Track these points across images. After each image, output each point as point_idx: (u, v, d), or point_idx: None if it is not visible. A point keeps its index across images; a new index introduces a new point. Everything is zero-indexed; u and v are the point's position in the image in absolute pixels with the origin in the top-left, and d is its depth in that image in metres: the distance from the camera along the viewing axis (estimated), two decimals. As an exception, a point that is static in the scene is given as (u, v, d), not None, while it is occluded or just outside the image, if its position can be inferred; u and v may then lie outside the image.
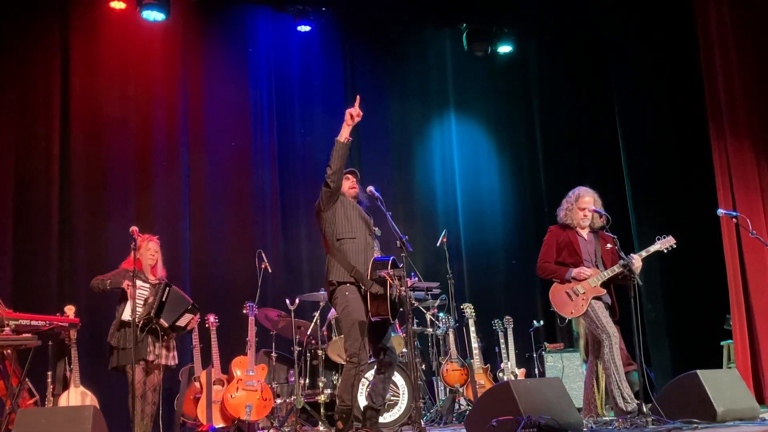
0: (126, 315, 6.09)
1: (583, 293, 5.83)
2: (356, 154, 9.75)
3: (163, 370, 6.44)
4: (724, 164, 8.25)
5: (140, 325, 6.05)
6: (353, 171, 5.78)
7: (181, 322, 6.41)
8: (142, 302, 6.19)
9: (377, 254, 5.52)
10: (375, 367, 5.62)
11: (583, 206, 6.04)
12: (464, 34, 10.19)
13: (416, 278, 6.74)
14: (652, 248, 6.00)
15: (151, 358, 6.23)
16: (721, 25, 8.28)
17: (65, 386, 6.68)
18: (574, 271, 5.89)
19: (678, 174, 9.28)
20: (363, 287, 5.29)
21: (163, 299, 6.18)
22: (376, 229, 5.67)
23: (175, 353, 6.51)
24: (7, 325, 5.77)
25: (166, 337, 6.33)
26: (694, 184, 8.95)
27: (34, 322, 6.03)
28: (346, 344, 5.32)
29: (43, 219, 8.15)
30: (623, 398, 5.65)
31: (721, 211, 7.21)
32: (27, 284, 7.88)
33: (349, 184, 5.68)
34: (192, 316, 6.51)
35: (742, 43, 8.17)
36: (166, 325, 6.25)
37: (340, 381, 5.45)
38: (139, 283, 6.11)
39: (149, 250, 6.49)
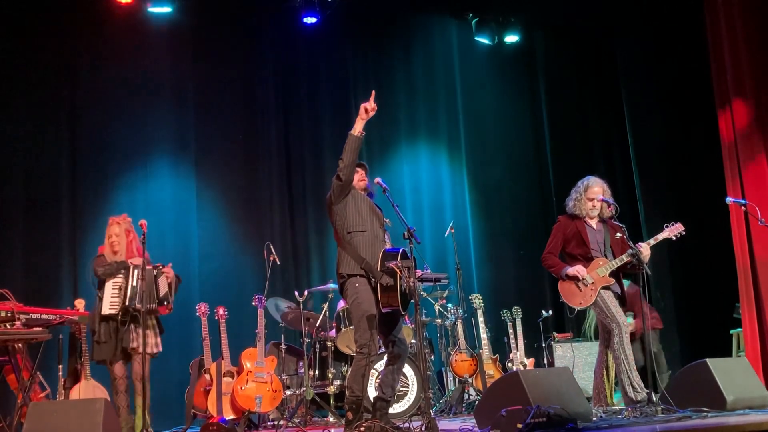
0: (105, 309, 6.00)
1: (592, 283, 5.83)
2: (364, 145, 9.72)
3: (149, 359, 6.15)
4: (733, 152, 8.22)
5: (120, 318, 5.95)
6: (362, 164, 5.77)
7: (162, 290, 6.15)
8: (117, 292, 6.04)
9: (388, 246, 5.52)
10: (385, 358, 5.63)
11: (592, 196, 6.03)
12: (474, 22, 10.16)
13: (428, 269, 6.74)
14: (661, 236, 5.99)
15: (134, 345, 6.05)
16: (728, 11, 8.24)
17: (76, 379, 6.70)
18: (570, 270, 5.90)
19: (686, 162, 9.25)
20: (373, 279, 5.30)
21: (134, 283, 5.97)
22: (387, 221, 5.67)
23: (159, 340, 6.31)
24: (18, 319, 5.81)
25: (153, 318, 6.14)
26: (702, 173, 8.91)
27: (44, 316, 6.06)
28: (355, 335, 5.33)
29: (53, 213, 8.19)
30: (633, 387, 5.65)
31: (729, 200, 7.18)
32: (37, 278, 7.93)
33: (358, 177, 5.67)
34: (165, 273, 6.22)
35: (750, 29, 8.12)
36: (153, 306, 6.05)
37: (349, 372, 5.47)
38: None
39: (110, 237, 6.25)
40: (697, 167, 9.09)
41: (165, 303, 6.19)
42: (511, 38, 10.36)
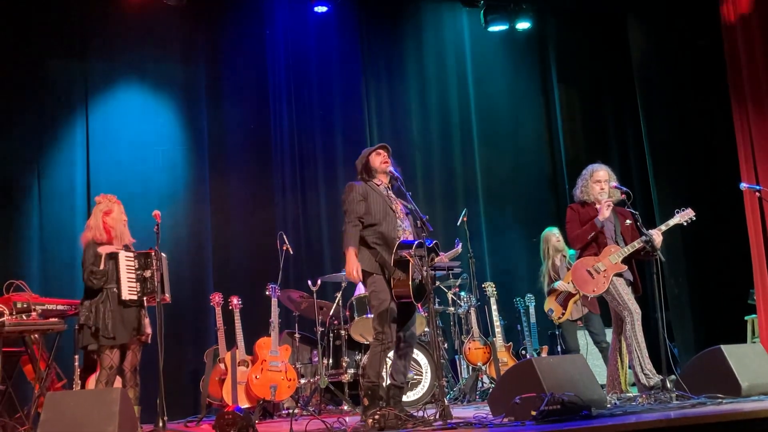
0: (125, 293, 5.67)
1: (605, 270, 5.82)
2: (375, 132, 9.75)
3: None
4: (747, 137, 8.18)
5: (137, 303, 5.70)
6: (385, 146, 5.70)
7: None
8: (133, 277, 5.71)
9: (407, 235, 5.50)
10: (395, 344, 5.64)
11: (598, 179, 6.05)
12: (481, 12, 10.10)
13: (459, 246, 6.70)
14: (672, 222, 5.98)
15: (149, 330, 5.88)
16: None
17: (92, 369, 6.74)
18: (600, 215, 5.88)
19: (700, 148, 9.20)
20: (387, 272, 5.31)
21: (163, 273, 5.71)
22: (408, 204, 5.63)
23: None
24: (34, 310, 5.84)
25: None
26: (716, 159, 8.87)
27: (60, 307, 6.09)
28: (374, 323, 5.38)
29: (67, 204, 8.24)
30: (645, 374, 5.66)
31: (743, 185, 7.15)
32: (53, 269, 7.98)
33: (381, 159, 5.63)
34: None
35: (764, 16, 8.06)
36: (168, 298, 5.87)
37: (366, 359, 5.49)
38: (123, 254, 5.74)
39: (122, 213, 5.94)
40: (711, 153, 9.04)
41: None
42: (523, 25, 10.27)
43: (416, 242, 5.30)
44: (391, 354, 6.19)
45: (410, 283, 5.19)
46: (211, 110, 9.11)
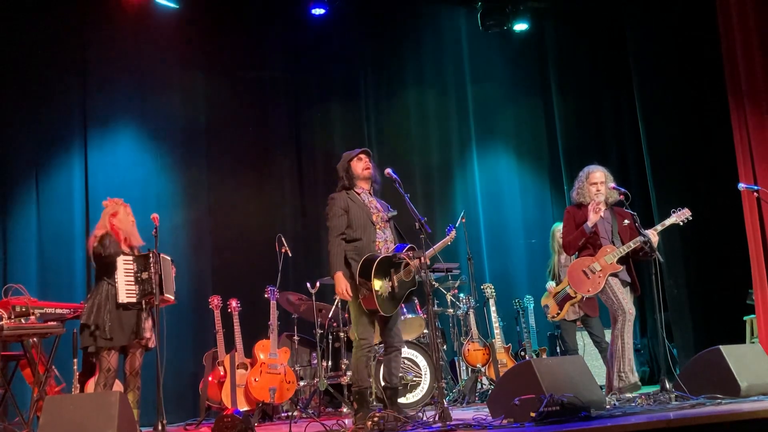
0: (123, 296, 5.65)
1: (600, 270, 5.83)
2: (373, 135, 9.75)
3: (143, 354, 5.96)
4: (745, 138, 8.17)
5: (137, 305, 5.69)
6: (366, 151, 5.68)
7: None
8: (132, 279, 5.69)
9: (389, 246, 5.50)
10: (383, 348, 5.66)
11: (594, 180, 6.06)
12: (479, 14, 10.10)
13: (452, 232, 6.75)
14: (668, 221, 5.99)
15: (148, 335, 5.86)
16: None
17: (91, 373, 6.74)
18: (590, 221, 5.89)
19: (698, 149, 9.19)
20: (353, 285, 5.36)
21: (161, 273, 5.69)
22: (392, 212, 5.63)
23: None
24: (33, 313, 5.83)
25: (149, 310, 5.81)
26: (714, 159, 8.87)
27: (58, 311, 6.09)
28: (353, 331, 5.42)
29: (66, 208, 8.24)
30: (618, 375, 5.70)
31: (742, 185, 7.15)
32: (52, 273, 7.98)
33: (362, 165, 5.62)
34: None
35: (762, 16, 8.06)
36: (172, 299, 5.95)
37: (352, 365, 5.52)
38: (121, 257, 5.71)
39: (129, 215, 5.96)
40: (709, 153, 9.03)
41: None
42: (521, 26, 10.27)
43: (379, 257, 5.30)
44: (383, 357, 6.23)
45: (375, 298, 5.22)
46: (210, 113, 9.12)
